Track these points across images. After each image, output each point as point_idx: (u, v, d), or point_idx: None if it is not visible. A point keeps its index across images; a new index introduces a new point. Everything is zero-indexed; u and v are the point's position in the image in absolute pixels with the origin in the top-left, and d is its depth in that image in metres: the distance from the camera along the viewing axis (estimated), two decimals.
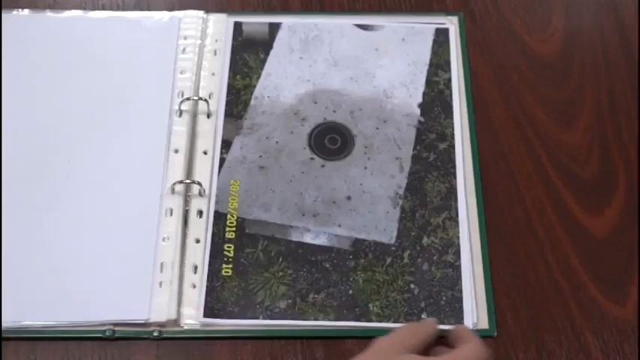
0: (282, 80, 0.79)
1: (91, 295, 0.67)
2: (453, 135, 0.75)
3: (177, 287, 0.67)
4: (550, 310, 0.67)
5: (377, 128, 0.76)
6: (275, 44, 0.81)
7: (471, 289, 0.68)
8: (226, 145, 0.75)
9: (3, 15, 0.81)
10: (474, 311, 0.67)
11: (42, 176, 0.72)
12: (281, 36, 0.81)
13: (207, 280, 0.68)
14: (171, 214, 0.70)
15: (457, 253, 0.69)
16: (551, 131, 0.76)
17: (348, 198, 0.72)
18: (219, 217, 0.71)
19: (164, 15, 0.82)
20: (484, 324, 0.67)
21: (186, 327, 0.66)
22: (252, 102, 0.77)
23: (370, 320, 0.66)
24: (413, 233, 0.70)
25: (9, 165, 0.72)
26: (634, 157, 0.75)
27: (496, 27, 0.82)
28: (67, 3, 0.83)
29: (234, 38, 0.81)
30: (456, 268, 0.69)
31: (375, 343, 0.59)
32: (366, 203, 0.72)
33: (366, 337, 0.65)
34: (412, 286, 0.68)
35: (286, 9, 0.83)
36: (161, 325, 0.66)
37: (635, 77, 0.79)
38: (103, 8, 0.83)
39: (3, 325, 0.65)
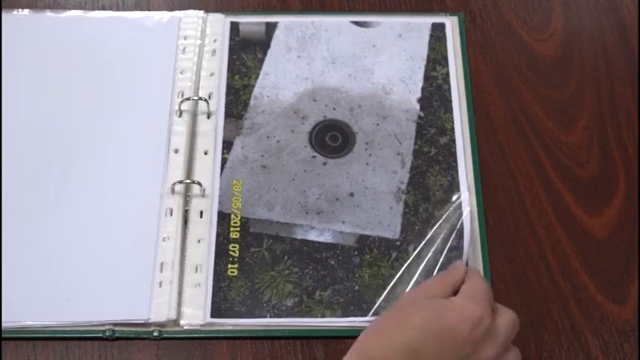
0: (281, 79, 0.79)
1: (91, 295, 0.67)
2: (453, 129, 0.75)
3: (178, 287, 0.67)
4: (550, 310, 0.68)
5: (377, 124, 0.76)
6: (272, 43, 0.81)
7: None
8: (227, 145, 0.75)
9: (3, 15, 0.81)
10: None
11: (42, 176, 0.72)
12: (278, 35, 0.81)
13: (214, 280, 0.68)
14: (171, 214, 0.70)
15: (461, 237, 0.69)
16: (551, 131, 0.76)
17: (351, 195, 0.72)
18: (223, 217, 0.71)
19: (164, 15, 0.82)
20: None
21: (186, 327, 0.66)
22: (252, 102, 0.77)
23: (377, 314, 0.66)
24: (417, 227, 0.70)
25: (9, 165, 0.72)
26: (634, 157, 0.75)
27: (496, 27, 0.82)
28: (67, 3, 0.83)
29: (231, 38, 0.81)
30: (461, 250, 0.69)
31: (405, 295, 0.63)
32: (369, 199, 0.72)
33: None
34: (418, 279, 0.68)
35: (286, 9, 0.83)
36: (161, 325, 0.66)
37: (635, 77, 0.79)
38: (103, 8, 0.83)
39: (3, 325, 0.65)
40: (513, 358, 0.58)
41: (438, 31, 0.81)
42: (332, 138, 0.75)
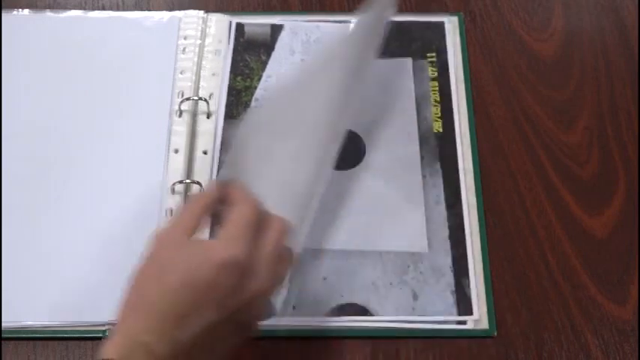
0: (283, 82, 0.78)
1: (90, 295, 0.67)
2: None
3: None
4: (550, 310, 0.67)
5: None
6: (277, 46, 0.81)
7: (471, 288, 0.68)
8: (226, 146, 0.75)
9: (3, 15, 0.81)
10: (475, 312, 0.67)
11: (42, 176, 0.72)
12: (283, 37, 0.81)
13: None
14: (171, 214, 0.70)
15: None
16: (551, 131, 0.76)
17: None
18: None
19: (164, 15, 0.82)
20: (484, 324, 0.67)
21: None
22: (253, 104, 0.77)
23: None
24: None
25: (9, 165, 0.73)
26: (634, 157, 0.75)
27: (496, 27, 0.82)
28: (67, 3, 0.83)
29: (236, 39, 0.81)
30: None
31: (156, 237, 0.54)
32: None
33: (365, 337, 0.66)
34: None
35: (286, 9, 0.83)
36: None
37: (635, 77, 0.79)
38: (103, 8, 0.83)
39: (3, 325, 0.65)
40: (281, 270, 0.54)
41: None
42: None
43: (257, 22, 0.82)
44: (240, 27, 0.81)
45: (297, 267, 0.67)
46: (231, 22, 0.82)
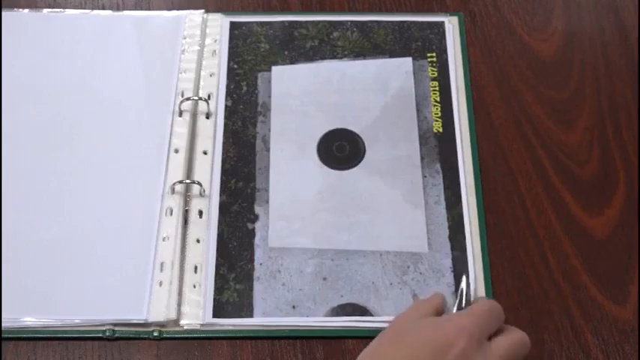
0: None
1: (91, 295, 0.67)
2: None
3: (178, 287, 0.67)
4: (550, 310, 0.68)
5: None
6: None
7: (471, 288, 0.68)
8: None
9: (3, 14, 0.81)
10: None
11: (42, 176, 0.72)
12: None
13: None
14: (171, 214, 0.70)
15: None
16: (551, 131, 0.76)
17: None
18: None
19: (164, 15, 0.82)
20: None
21: (186, 327, 0.66)
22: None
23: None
24: None
25: (9, 165, 0.72)
26: (634, 157, 0.75)
27: (496, 27, 0.83)
28: (67, 3, 0.83)
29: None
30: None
31: (395, 320, 0.61)
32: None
33: (366, 337, 0.66)
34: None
35: (286, 9, 0.83)
36: (161, 325, 0.66)
37: (635, 77, 0.79)
38: (103, 8, 0.83)
39: (3, 325, 0.65)
40: None
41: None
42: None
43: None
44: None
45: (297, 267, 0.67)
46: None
